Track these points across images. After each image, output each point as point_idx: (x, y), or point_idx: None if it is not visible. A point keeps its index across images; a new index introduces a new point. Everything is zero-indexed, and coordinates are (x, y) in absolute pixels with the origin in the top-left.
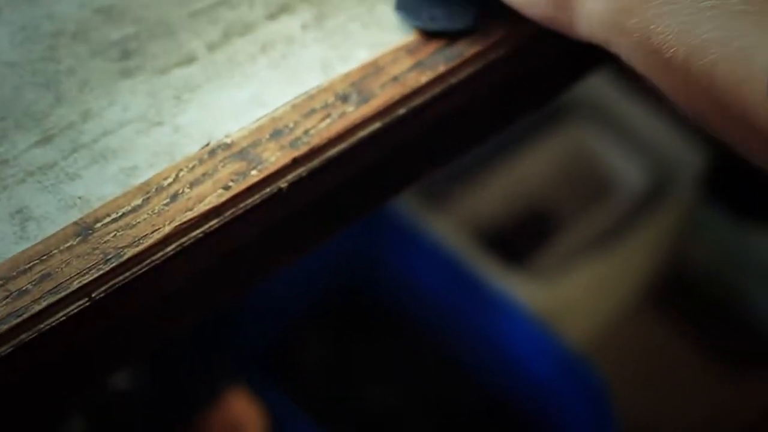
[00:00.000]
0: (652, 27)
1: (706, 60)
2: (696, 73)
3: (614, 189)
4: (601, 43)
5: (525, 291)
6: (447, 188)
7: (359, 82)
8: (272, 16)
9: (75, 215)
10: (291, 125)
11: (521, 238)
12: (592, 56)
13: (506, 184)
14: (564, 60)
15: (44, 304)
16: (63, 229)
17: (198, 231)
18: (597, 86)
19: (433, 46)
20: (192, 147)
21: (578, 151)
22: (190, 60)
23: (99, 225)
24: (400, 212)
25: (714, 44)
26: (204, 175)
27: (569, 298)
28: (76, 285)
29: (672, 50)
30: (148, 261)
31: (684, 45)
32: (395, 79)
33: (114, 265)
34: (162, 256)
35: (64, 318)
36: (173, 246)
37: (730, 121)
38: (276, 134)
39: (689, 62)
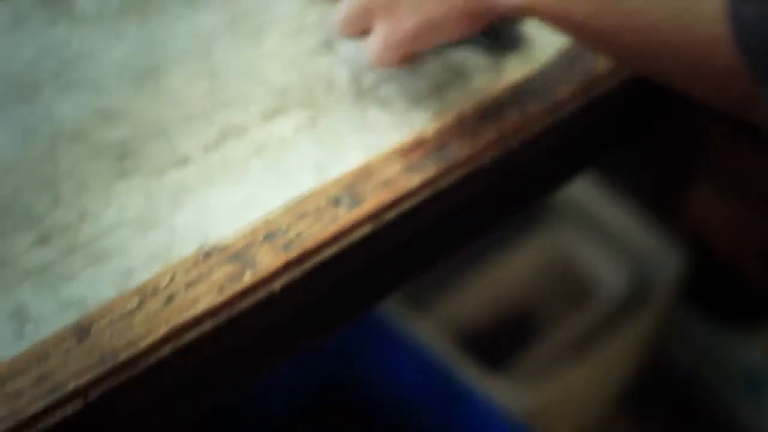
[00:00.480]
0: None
1: (656, 26)
2: (649, 43)
3: (595, 292)
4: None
5: (506, 394)
6: (429, 290)
7: (351, 186)
8: (267, 118)
9: (72, 316)
10: (284, 228)
11: (502, 341)
12: (578, 159)
13: (488, 287)
14: (551, 162)
15: (41, 405)
16: (60, 330)
17: (193, 333)
18: (577, 188)
19: (423, 150)
20: (187, 248)
21: (559, 254)
22: (185, 162)
23: (96, 327)
24: (383, 313)
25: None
26: (199, 277)
27: (550, 401)
28: (72, 386)
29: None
30: (143, 362)
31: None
32: (386, 183)
33: (110, 366)
34: (157, 357)
35: (60, 419)
36: (168, 347)
37: (694, 69)
38: (269, 237)
39: (634, 30)
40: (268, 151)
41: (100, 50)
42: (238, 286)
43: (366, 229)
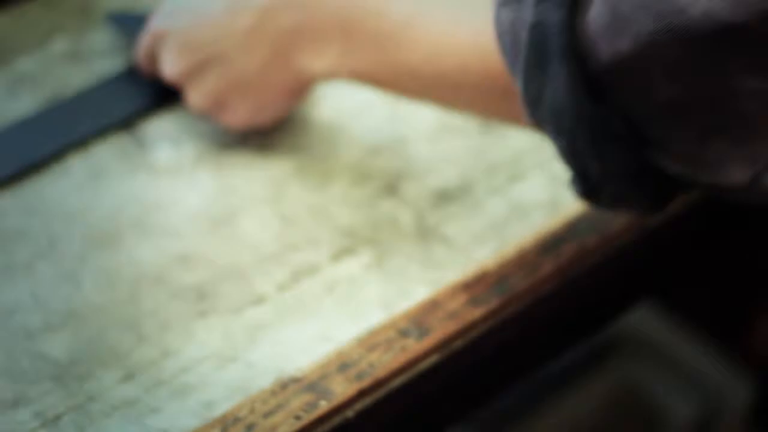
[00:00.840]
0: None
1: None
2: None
3: (663, 423)
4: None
5: None
6: (498, 426)
7: (418, 318)
8: (336, 258)
9: None
10: (356, 358)
11: None
12: (637, 288)
13: (555, 423)
14: (610, 291)
15: None
16: None
17: None
18: (641, 318)
19: (487, 283)
20: (265, 380)
21: (626, 386)
22: (261, 300)
23: None
24: None
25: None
26: (277, 407)
27: None
28: None
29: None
30: None
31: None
32: (451, 314)
33: None
34: None
35: None
36: None
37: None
38: (342, 367)
39: (424, 68)
40: (339, 288)
41: (178, 199)
42: (313, 415)
43: (434, 358)
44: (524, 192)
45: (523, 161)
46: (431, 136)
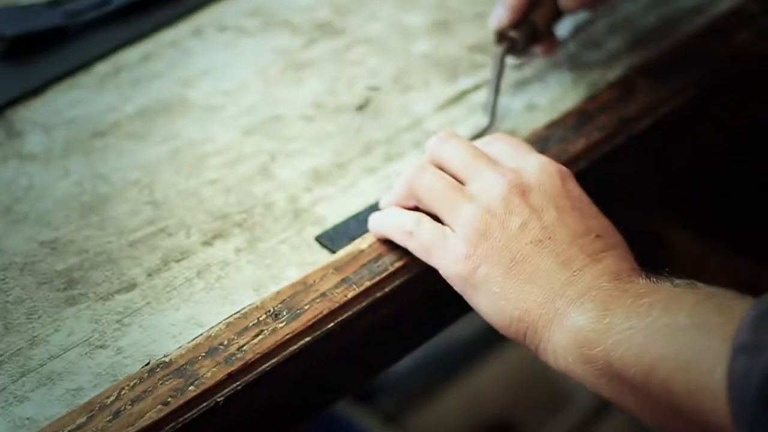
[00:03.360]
0: (612, 353)
1: (663, 375)
2: (655, 388)
3: (568, 400)
4: (565, 372)
5: None
6: (404, 404)
7: (289, 300)
8: (208, 242)
9: None
10: (225, 342)
11: None
12: None
13: (464, 399)
14: None
15: None
16: None
17: None
18: None
19: (359, 263)
20: (133, 367)
21: (534, 362)
22: (130, 286)
23: None
24: (355, 429)
25: (667, 359)
26: (144, 392)
27: None
28: None
29: (632, 370)
30: None
31: (641, 364)
32: (323, 295)
33: None
34: None
35: None
36: None
37: (693, 427)
38: (212, 352)
39: (648, 380)
40: (210, 273)
41: (47, 185)
42: (181, 399)
43: (305, 340)
44: (399, 171)
45: (399, 140)
46: (306, 116)
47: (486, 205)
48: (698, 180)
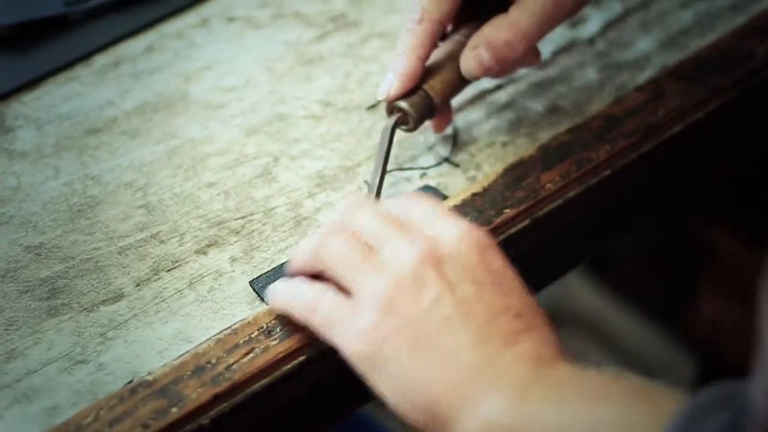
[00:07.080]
0: None
1: None
2: None
3: None
4: None
5: None
6: None
7: (284, 316)
8: (201, 251)
9: None
10: (213, 361)
11: None
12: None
13: None
14: None
15: None
16: None
17: None
18: (581, 294)
19: None
20: (115, 384)
21: None
22: (117, 297)
23: None
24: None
25: None
26: (124, 413)
27: None
28: None
29: None
30: None
31: None
32: None
33: None
34: None
35: None
36: None
37: None
38: (198, 370)
39: None
40: (202, 284)
41: (36, 185)
42: (163, 422)
43: (299, 359)
44: (411, 175)
45: (412, 143)
46: (313, 115)
47: (395, 276)
48: (740, 179)
